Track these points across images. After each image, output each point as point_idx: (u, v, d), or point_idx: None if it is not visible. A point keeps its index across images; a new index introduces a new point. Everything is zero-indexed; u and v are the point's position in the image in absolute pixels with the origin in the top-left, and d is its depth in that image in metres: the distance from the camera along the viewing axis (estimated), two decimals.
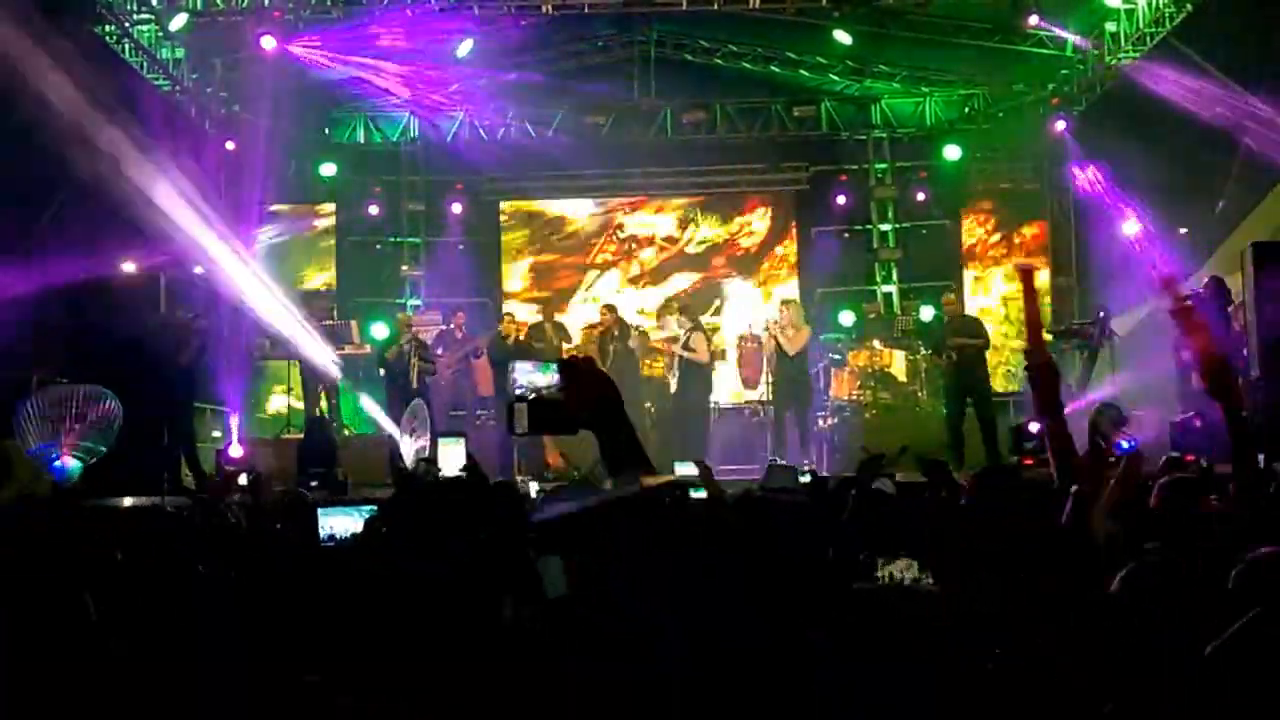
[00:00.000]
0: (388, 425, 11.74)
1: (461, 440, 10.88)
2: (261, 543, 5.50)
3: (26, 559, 3.51)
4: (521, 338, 12.97)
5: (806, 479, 8.15)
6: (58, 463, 3.06)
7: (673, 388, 13.24)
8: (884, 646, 2.77)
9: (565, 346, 13.78)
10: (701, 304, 15.68)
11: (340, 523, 6.43)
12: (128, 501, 7.61)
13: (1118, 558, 3.48)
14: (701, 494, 6.85)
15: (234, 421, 12.54)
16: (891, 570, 4.86)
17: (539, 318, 14.79)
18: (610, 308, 13.58)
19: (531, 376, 10.99)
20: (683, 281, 16.68)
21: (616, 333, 13.15)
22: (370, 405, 12.59)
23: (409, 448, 10.59)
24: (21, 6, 9.50)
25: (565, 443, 11.82)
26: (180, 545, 4.25)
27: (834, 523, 5.47)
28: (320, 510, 6.51)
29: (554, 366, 2.04)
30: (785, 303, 13.18)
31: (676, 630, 2.02)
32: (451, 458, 10.36)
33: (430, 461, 10.11)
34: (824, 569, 3.91)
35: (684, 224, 16.83)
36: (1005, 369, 14.89)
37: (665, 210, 16.89)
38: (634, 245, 16.86)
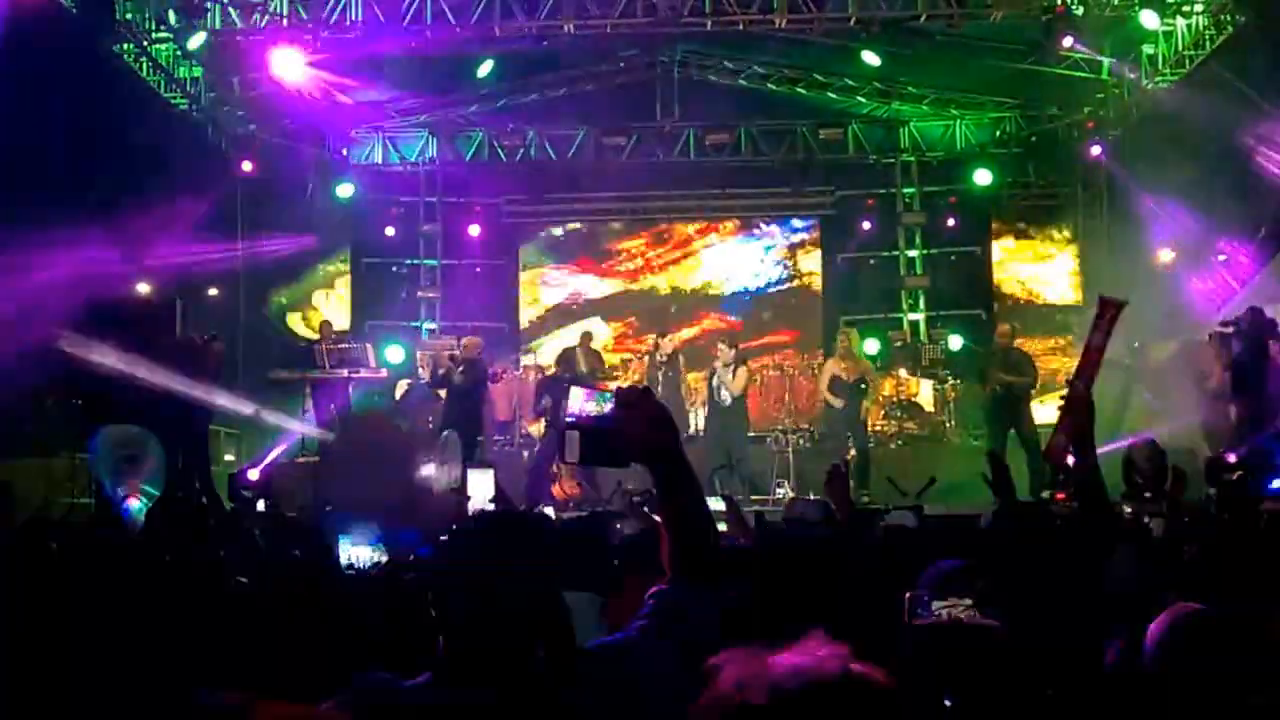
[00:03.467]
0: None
1: (490, 471, 10.63)
2: (283, 568, 5.40)
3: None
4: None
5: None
6: (125, 504, 3.00)
7: (698, 416, 12.91)
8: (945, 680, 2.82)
9: (599, 374, 13.47)
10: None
11: (361, 552, 6.22)
12: None
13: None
14: (721, 527, 6.58)
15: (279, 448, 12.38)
16: (947, 608, 4.65)
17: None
18: (663, 333, 13.27)
19: (586, 405, 10.70)
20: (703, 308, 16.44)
21: (665, 359, 12.80)
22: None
23: (440, 477, 10.32)
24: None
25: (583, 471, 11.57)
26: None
27: (859, 557, 5.19)
28: (342, 538, 6.29)
29: (609, 396, 1.85)
30: (845, 330, 12.75)
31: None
32: (480, 488, 10.11)
33: (459, 491, 9.86)
34: (863, 604, 3.77)
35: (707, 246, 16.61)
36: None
37: (689, 231, 16.65)
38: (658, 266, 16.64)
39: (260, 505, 9.12)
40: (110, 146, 10.94)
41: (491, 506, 9.92)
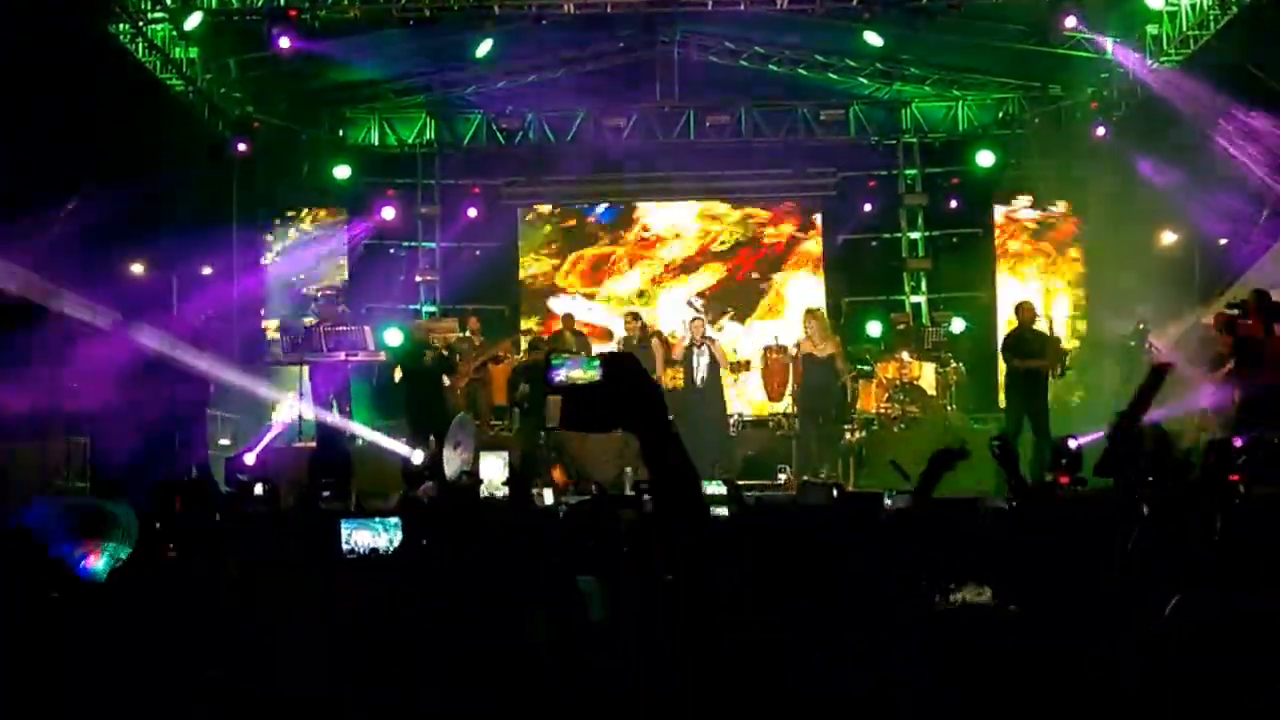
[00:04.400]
0: (391, 445, 11.40)
1: (505, 453, 10.54)
2: (282, 553, 5.40)
3: None
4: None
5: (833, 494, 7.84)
6: (84, 563, 2.92)
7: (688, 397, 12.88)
8: (968, 668, 2.73)
9: (584, 352, 13.45)
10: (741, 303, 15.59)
11: (362, 537, 6.17)
12: None
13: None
14: (722, 511, 6.52)
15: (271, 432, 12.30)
16: (964, 595, 4.64)
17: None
18: (634, 315, 13.28)
19: (572, 371, 10.52)
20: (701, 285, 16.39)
21: (636, 341, 12.83)
22: (367, 432, 12.15)
23: (453, 461, 10.25)
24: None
25: (577, 459, 11.55)
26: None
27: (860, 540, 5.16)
28: (343, 523, 6.25)
29: (597, 361, 1.92)
30: (810, 313, 12.76)
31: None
32: (494, 470, 10.02)
33: (471, 474, 9.78)
34: (890, 588, 3.75)
35: (707, 231, 16.51)
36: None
37: (687, 215, 16.55)
38: (656, 249, 16.54)
39: (258, 489, 9.06)
40: (105, 127, 10.84)
41: (505, 490, 9.88)
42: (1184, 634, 2.62)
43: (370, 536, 6.13)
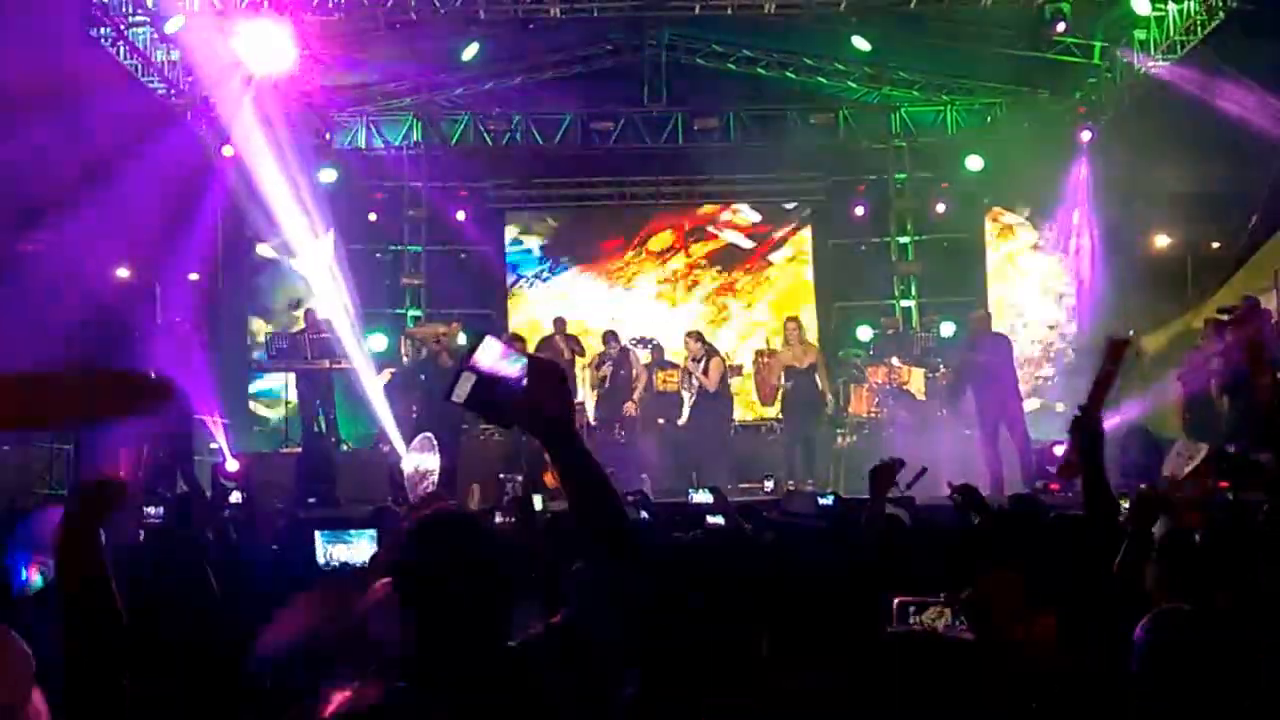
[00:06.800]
0: (395, 440, 11.28)
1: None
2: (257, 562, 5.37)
3: None
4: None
5: (829, 500, 7.77)
6: (23, 575, 2.88)
7: (686, 406, 12.86)
8: (918, 694, 2.83)
9: (579, 360, 13.41)
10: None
11: (338, 551, 6.07)
12: None
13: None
14: (719, 520, 6.47)
15: (219, 434, 12.12)
16: (923, 618, 4.65)
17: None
18: (613, 334, 13.36)
19: (497, 361, 10.34)
20: (695, 292, 16.31)
21: (614, 357, 12.92)
22: (386, 417, 12.00)
23: (411, 465, 10.12)
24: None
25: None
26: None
27: (854, 551, 5.10)
28: (320, 534, 6.16)
29: (524, 362, 1.94)
30: (789, 319, 12.77)
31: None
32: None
33: (437, 492, 9.65)
34: (846, 605, 3.73)
35: (696, 233, 16.46)
36: None
37: (678, 217, 16.49)
38: (646, 255, 16.48)
39: (236, 497, 8.95)
40: (88, 131, 10.73)
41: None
42: (1160, 652, 2.57)
43: (345, 550, 6.04)
